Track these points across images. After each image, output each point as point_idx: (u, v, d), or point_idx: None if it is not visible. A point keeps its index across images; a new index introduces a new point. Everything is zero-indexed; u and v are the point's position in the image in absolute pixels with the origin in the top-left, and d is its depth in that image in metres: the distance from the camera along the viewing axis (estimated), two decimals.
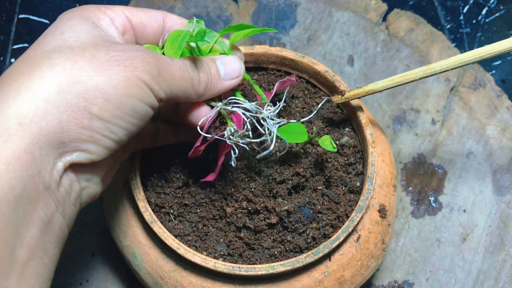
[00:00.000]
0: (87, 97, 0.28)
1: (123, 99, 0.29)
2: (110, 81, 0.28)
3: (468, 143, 0.56)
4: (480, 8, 0.65)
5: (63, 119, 0.27)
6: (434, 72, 0.38)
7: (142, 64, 0.30)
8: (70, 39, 0.30)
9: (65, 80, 0.27)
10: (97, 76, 0.28)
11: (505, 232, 0.52)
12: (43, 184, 0.27)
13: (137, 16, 0.35)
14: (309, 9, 0.64)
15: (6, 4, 0.65)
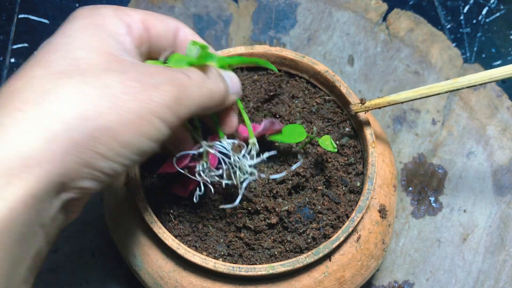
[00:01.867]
0: (95, 136, 0.26)
1: (132, 139, 0.27)
2: (122, 119, 0.26)
3: (469, 143, 0.56)
4: (480, 8, 0.65)
5: (68, 160, 0.25)
6: (461, 86, 0.36)
7: (159, 96, 0.27)
8: (81, 61, 0.27)
9: (73, 117, 0.25)
10: (109, 114, 0.26)
11: (506, 232, 0.52)
12: (41, 223, 0.26)
13: (155, 28, 0.33)
14: (309, 9, 0.64)
15: (6, 4, 0.65)
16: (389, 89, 0.59)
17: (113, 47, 0.29)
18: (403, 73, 0.60)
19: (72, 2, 0.65)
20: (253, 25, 0.63)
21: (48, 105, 0.25)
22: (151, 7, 0.63)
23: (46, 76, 0.26)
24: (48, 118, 0.25)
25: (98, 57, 0.28)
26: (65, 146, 0.25)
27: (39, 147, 0.24)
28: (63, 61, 0.27)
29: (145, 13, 0.33)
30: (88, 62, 0.27)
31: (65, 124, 0.25)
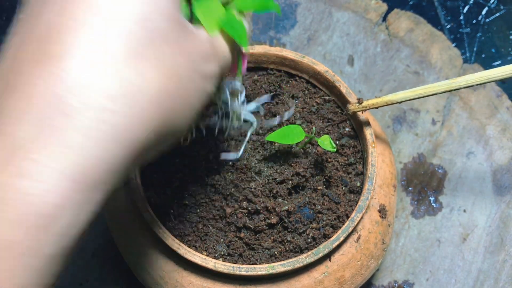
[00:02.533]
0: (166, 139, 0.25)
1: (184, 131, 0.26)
2: (188, 118, 0.25)
3: (468, 143, 0.56)
4: (480, 8, 0.65)
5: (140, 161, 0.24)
6: (459, 86, 0.36)
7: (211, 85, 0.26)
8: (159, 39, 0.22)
9: (161, 125, 0.23)
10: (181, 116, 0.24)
11: (505, 232, 0.52)
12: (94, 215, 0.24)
13: None
14: (309, 9, 0.64)
15: (6, 4, 0.65)
16: (389, 89, 0.59)
17: (177, 7, 0.24)
18: (403, 73, 0.60)
19: None
20: (253, 25, 0.63)
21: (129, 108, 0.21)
22: None
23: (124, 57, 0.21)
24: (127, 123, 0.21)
25: (172, 29, 0.23)
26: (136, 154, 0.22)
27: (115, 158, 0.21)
28: (136, 33, 0.21)
29: None
30: (164, 38, 0.22)
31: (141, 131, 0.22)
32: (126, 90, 0.21)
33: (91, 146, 0.20)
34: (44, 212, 0.19)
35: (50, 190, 0.19)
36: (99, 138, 0.20)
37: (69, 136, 0.20)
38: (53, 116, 0.19)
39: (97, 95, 0.20)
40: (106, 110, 0.20)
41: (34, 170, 0.19)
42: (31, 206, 0.19)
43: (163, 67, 0.22)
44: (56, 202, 0.19)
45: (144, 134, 0.22)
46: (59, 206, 0.20)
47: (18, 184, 0.19)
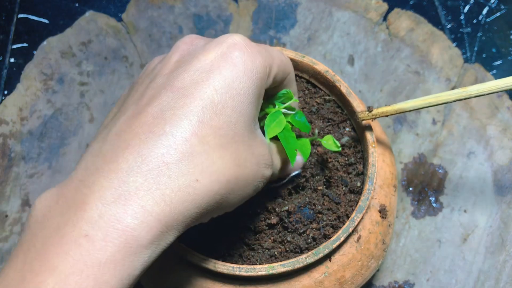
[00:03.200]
0: (220, 210, 0.30)
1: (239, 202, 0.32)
2: (240, 201, 0.31)
3: (469, 143, 0.56)
4: (480, 8, 0.65)
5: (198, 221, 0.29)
6: (469, 95, 0.36)
7: (262, 185, 0.33)
8: (238, 138, 0.29)
9: (223, 199, 0.29)
10: (237, 197, 0.31)
11: (506, 232, 0.52)
12: None
13: (276, 77, 0.34)
14: (309, 8, 0.63)
15: (6, 4, 0.65)
16: (389, 89, 0.59)
17: (255, 119, 0.32)
18: (403, 73, 0.60)
19: (71, 2, 0.65)
20: (253, 25, 0.63)
21: (210, 182, 0.28)
22: (151, 6, 0.63)
23: (214, 146, 0.28)
24: (205, 193, 0.28)
25: (248, 134, 0.31)
26: (201, 215, 0.28)
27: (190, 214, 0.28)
28: (227, 131, 0.29)
29: (279, 64, 0.34)
30: (242, 139, 0.30)
31: (212, 200, 0.28)
32: (211, 168, 0.28)
33: (178, 203, 0.26)
34: (141, 243, 0.25)
35: (147, 228, 0.26)
36: (184, 199, 0.27)
37: (167, 193, 0.26)
38: (159, 176, 0.26)
39: (192, 168, 0.27)
40: (195, 181, 0.27)
41: (140, 211, 0.25)
42: (134, 238, 0.25)
43: (237, 158, 0.29)
44: (150, 238, 0.26)
45: (212, 202, 0.28)
46: (151, 240, 0.26)
47: (128, 220, 0.25)
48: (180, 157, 0.27)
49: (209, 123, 0.28)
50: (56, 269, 0.24)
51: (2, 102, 0.58)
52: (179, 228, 0.27)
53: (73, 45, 0.62)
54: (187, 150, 0.27)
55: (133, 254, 0.25)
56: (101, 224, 0.25)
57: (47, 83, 0.60)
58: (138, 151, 0.26)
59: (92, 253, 0.24)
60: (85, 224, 0.25)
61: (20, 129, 0.57)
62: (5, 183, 0.55)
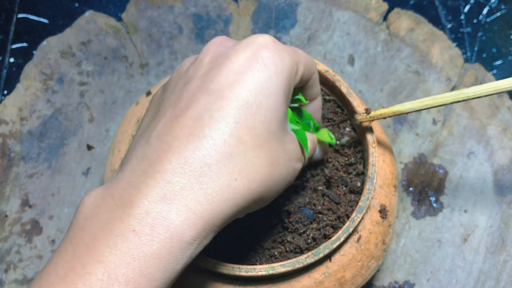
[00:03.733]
0: (257, 206, 0.31)
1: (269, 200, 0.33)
2: (275, 195, 0.32)
3: (469, 143, 0.56)
4: (481, 8, 0.65)
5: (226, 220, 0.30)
6: (467, 97, 0.36)
7: (294, 178, 0.34)
8: (272, 136, 0.30)
9: (260, 197, 0.30)
10: (274, 193, 0.32)
11: (506, 232, 0.52)
12: None
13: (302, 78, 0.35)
14: (309, 8, 0.63)
15: (5, 3, 0.65)
16: (389, 89, 0.59)
17: (286, 117, 0.32)
18: (403, 73, 0.60)
19: (71, 2, 0.65)
20: (253, 24, 0.63)
21: (254, 183, 0.29)
22: (151, 6, 0.63)
23: (253, 148, 0.29)
24: (249, 193, 0.29)
25: (280, 132, 0.31)
26: (239, 212, 0.30)
27: (236, 212, 0.29)
28: (263, 132, 0.30)
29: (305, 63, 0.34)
30: (277, 137, 0.31)
31: (254, 200, 0.30)
32: (249, 168, 0.29)
33: (219, 202, 0.28)
34: (184, 239, 0.27)
35: (190, 225, 0.27)
36: (226, 198, 0.28)
37: (209, 192, 0.28)
38: (202, 176, 0.28)
39: (232, 168, 0.28)
40: (234, 180, 0.28)
41: (183, 209, 0.27)
42: (178, 234, 0.27)
43: (272, 157, 0.30)
44: (192, 234, 0.27)
45: (249, 199, 0.29)
46: (193, 237, 0.27)
47: (173, 217, 0.27)
48: (220, 158, 0.28)
49: (245, 123, 0.29)
50: (105, 260, 0.25)
51: (2, 102, 0.58)
52: (219, 225, 0.29)
53: (73, 45, 0.61)
54: (226, 151, 0.28)
55: (177, 250, 0.27)
56: (148, 221, 0.26)
57: (46, 83, 0.60)
58: (180, 153, 0.28)
59: (139, 247, 0.26)
60: (132, 220, 0.26)
61: (20, 129, 0.57)
62: (5, 183, 0.55)
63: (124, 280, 0.25)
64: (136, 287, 0.26)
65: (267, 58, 0.30)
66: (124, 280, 0.25)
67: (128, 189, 0.28)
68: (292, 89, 0.33)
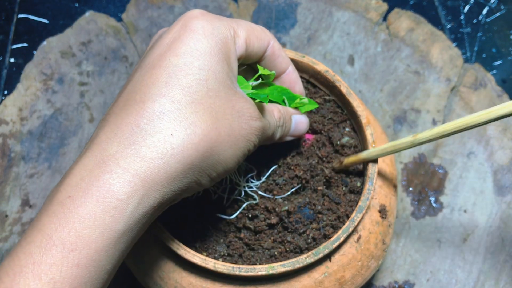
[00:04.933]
0: (215, 166, 0.31)
1: (233, 167, 0.33)
2: (235, 156, 0.32)
3: (469, 143, 0.56)
4: (480, 8, 0.65)
5: (193, 181, 0.31)
6: (419, 142, 0.36)
7: (255, 138, 0.34)
8: (212, 93, 0.31)
9: (209, 153, 0.30)
10: (229, 150, 0.32)
11: (506, 232, 0.52)
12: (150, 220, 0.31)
13: (253, 46, 0.36)
14: (309, 8, 0.63)
15: (5, 4, 0.65)
16: (389, 89, 0.59)
17: (230, 78, 0.33)
18: (403, 73, 0.60)
19: (71, 2, 0.65)
20: None
21: (193, 138, 0.30)
22: (151, 6, 0.63)
23: (189, 103, 0.30)
24: (191, 148, 0.30)
25: (224, 90, 0.32)
26: (195, 171, 0.30)
27: (180, 170, 0.29)
28: (200, 88, 0.31)
29: (247, 28, 0.36)
30: (218, 94, 0.31)
31: (201, 156, 0.30)
32: (185, 122, 0.30)
33: (156, 158, 0.29)
34: (118, 197, 0.28)
35: (124, 183, 0.28)
36: (163, 154, 0.29)
37: (143, 151, 0.29)
38: (134, 137, 0.29)
39: (165, 125, 0.29)
40: (170, 135, 0.29)
41: (116, 169, 0.28)
42: (111, 192, 0.28)
43: (214, 112, 0.31)
44: (127, 191, 0.28)
45: (194, 155, 0.30)
46: (129, 194, 0.28)
47: (105, 177, 0.28)
48: (151, 118, 0.29)
49: (176, 84, 0.30)
50: (43, 228, 0.27)
51: (2, 102, 0.58)
52: (163, 183, 0.29)
53: (73, 45, 0.62)
54: (157, 110, 0.29)
55: (113, 208, 0.28)
56: (82, 186, 0.28)
57: (47, 83, 0.60)
58: (115, 123, 0.30)
59: (73, 210, 0.27)
60: (69, 187, 0.28)
61: (20, 129, 0.57)
62: (5, 183, 0.55)
63: (61, 243, 0.27)
64: (73, 249, 0.27)
65: (194, 25, 0.32)
66: (61, 243, 0.27)
67: (71, 165, 0.30)
68: (233, 52, 0.34)
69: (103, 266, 0.28)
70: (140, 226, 0.30)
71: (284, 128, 0.39)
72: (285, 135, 0.39)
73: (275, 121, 0.37)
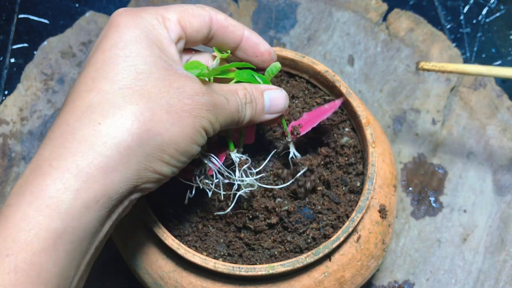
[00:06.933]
0: (162, 148, 0.30)
1: (188, 147, 0.32)
2: (182, 132, 0.31)
3: (469, 143, 0.56)
4: (480, 8, 0.65)
5: (140, 168, 0.30)
6: None
7: (206, 113, 0.32)
8: (143, 76, 0.31)
9: (146, 134, 0.30)
10: (172, 128, 0.31)
11: (506, 232, 0.52)
12: (108, 218, 0.31)
13: (190, 24, 0.35)
14: (309, 8, 0.63)
15: (6, 4, 0.65)
16: (389, 89, 0.59)
17: (166, 60, 0.32)
18: (403, 73, 0.60)
19: (72, 2, 0.65)
20: (253, 25, 0.63)
21: (124, 121, 0.29)
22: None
23: (117, 90, 0.30)
24: (124, 133, 0.29)
25: (158, 71, 0.31)
26: (138, 157, 0.30)
27: (118, 158, 0.29)
28: (128, 74, 0.31)
29: (180, 10, 0.35)
30: (150, 76, 0.31)
31: (138, 138, 0.29)
32: (114, 107, 0.29)
33: (86, 150, 0.28)
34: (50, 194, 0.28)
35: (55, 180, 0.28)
36: (92, 144, 0.29)
37: (74, 146, 0.28)
38: (64, 136, 0.29)
39: (93, 116, 0.29)
40: (98, 124, 0.29)
41: (49, 170, 0.28)
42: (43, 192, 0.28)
43: (147, 93, 0.30)
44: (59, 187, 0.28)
45: (128, 139, 0.29)
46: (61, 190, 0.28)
47: (38, 180, 0.28)
48: (79, 113, 0.29)
49: (104, 76, 0.30)
50: None
51: (3, 102, 0.58)
52: (102, 175, 0.28)
53: (73, 45, 0.62)
54: (84, 105, 0.30)
55: (46, 207, 0.27)
56: (18, 192, 0.28)
57: (47, 83, 0.60)
58: (51, 129, 0.30)
59: (9, 216, 0.28)
60: (9, 197, 0.29)
61: (21, 129, 0.57)
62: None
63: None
64: (8, 254, 0.26)
65: (117, 21, 0.32)
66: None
67: None
68: (164, 35, 0.33)
69: (47, 269, 0.27)
70: (87, 224, 0.29)
71: (255, 105, 0.37)
72: (259, 113, 0.37)
73: (238, 98, 0.35)
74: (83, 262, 0.30)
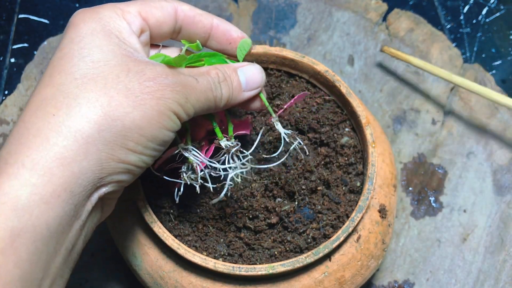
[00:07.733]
0: (124, 134, 0.29)
1: (155, 132, 0.30)
2: (145, 115, 0.30)
3: (469, 143, 0.56)
4: (480, 8, 0.65)
5: (102, 157, 0.29)
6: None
7: (172, 94, 0.31)
8: (100, 63, 0.30)
9: (104, 119, 0.28)
10: (133, 112, 0.29)
11: (506, 232, 0.52)
12: (76, 217, 0.29)
13: (152, 15, 0.34)
14: (309, 9, 0.64)
15: (6, 4, 0.65)
16: (389, 89, 0.59)
17: (125, 49, 0.32)
18: (403, 73, 0.60)
19: (72, 2, 0.65)
20: (253, 25, 0.63)
21: (79, 109, 0.28)
22: None
23: (72, 81, 0.29)
24: (80, 120, 0.28)
25: (115, 59, 0.30)
26: (98, 145, 0.28)
27: (76, 147, 0.28)
28: (84, 65, 0.30)
29: (141, 3, 0.34)
30: (107, 63, 0.30)
31: (96, 125, 0.28)
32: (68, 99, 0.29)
33: (41, 144, 0.27)
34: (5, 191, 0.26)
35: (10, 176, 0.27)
36: (47, 137, 0.28)
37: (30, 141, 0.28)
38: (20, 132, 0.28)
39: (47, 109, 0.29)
40: (52, 116, 0.28)
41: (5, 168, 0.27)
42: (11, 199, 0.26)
43: (103, 80, 0.29)
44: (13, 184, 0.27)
45: (85, 127, 0.28)
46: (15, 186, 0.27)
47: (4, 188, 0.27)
48: (34, 109, 0.29)
49: (59, 70, 0.30)
50: None
51: (3, 102, 0.58)
52: (60, 168, 0.27)
53: None
54: (38, 99, 0.29)
55: (2, 204, 0.26)
56: None
57: None
58: (11, 130, 0.30)
59: None
60: None
61: None
62: None
63: None
64: None
65: (74, 19, 0.32)
66: None
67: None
68: (124, 28, 0.33)
69: (7, 271, 0.25)
70: (50, 221, 0.27)
71: (231, 83, 0.35)
72: (237, 92, 0.36)
73: (209, 78, 0.33)
74: (53, 265, 0.28)
